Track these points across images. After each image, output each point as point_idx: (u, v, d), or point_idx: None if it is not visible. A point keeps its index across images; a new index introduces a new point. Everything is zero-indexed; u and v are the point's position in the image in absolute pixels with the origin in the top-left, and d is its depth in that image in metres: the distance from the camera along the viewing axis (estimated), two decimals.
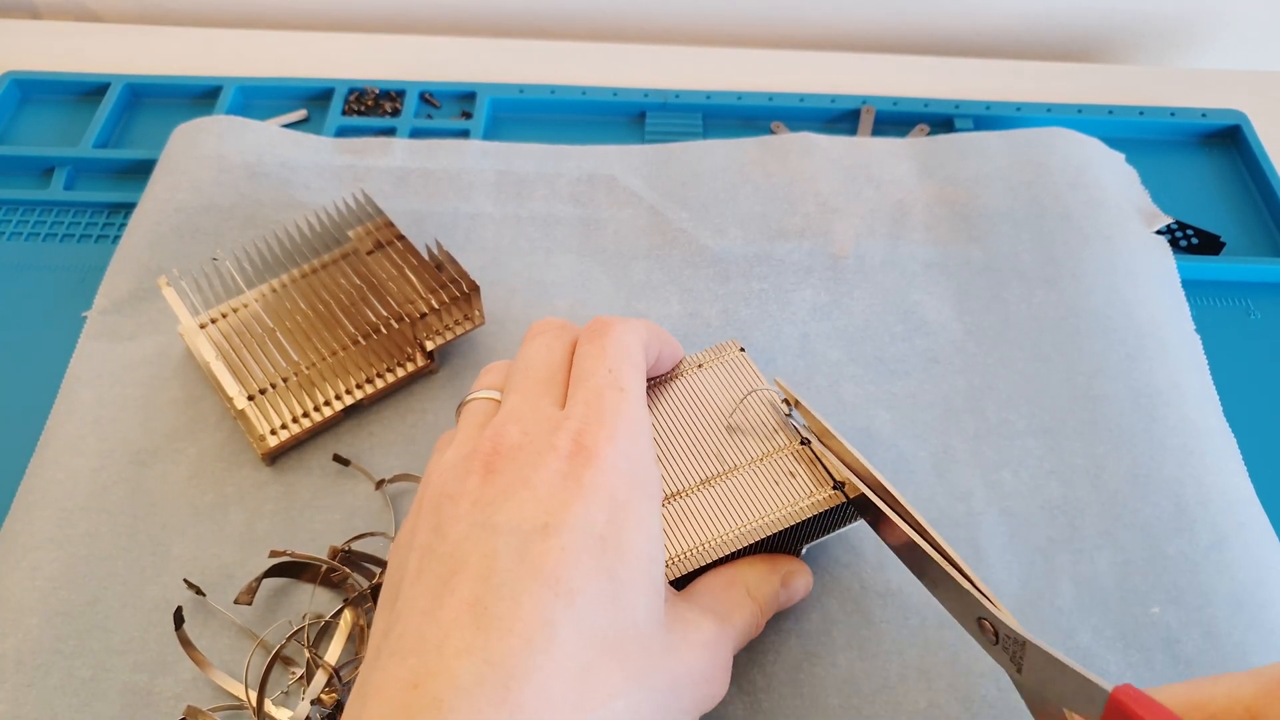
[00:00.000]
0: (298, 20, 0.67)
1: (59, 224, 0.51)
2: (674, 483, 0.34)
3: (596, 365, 0.32)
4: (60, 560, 0.37)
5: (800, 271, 0.47)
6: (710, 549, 0.32)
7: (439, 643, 0.25)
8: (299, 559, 0.37)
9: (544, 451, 0.29)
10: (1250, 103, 0.57)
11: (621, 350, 0.33)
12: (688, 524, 0.32)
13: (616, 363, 0.32)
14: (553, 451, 0.29)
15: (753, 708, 0.34)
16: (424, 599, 0.27)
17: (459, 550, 0.27)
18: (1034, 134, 0.52)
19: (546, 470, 0.28)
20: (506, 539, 0.27)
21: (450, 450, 0.31)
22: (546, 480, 0.28)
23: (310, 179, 0.50)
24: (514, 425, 0.30)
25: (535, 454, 0.29)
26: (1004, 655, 0.29)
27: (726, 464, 0.34)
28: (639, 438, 0.31)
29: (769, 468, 0.34)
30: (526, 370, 0.33)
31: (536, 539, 0.27)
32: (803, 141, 0.52)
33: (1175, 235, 0.51)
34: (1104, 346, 0.44)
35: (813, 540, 0.36)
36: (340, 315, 0.42)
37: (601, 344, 0.33)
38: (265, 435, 0.40)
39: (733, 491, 0.33)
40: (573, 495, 0.28)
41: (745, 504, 0.33)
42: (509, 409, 0.31)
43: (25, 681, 0.34)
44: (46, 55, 0.60)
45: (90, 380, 0.42)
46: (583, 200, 0.50)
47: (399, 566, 0.30)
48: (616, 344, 0.33)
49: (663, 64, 0.61)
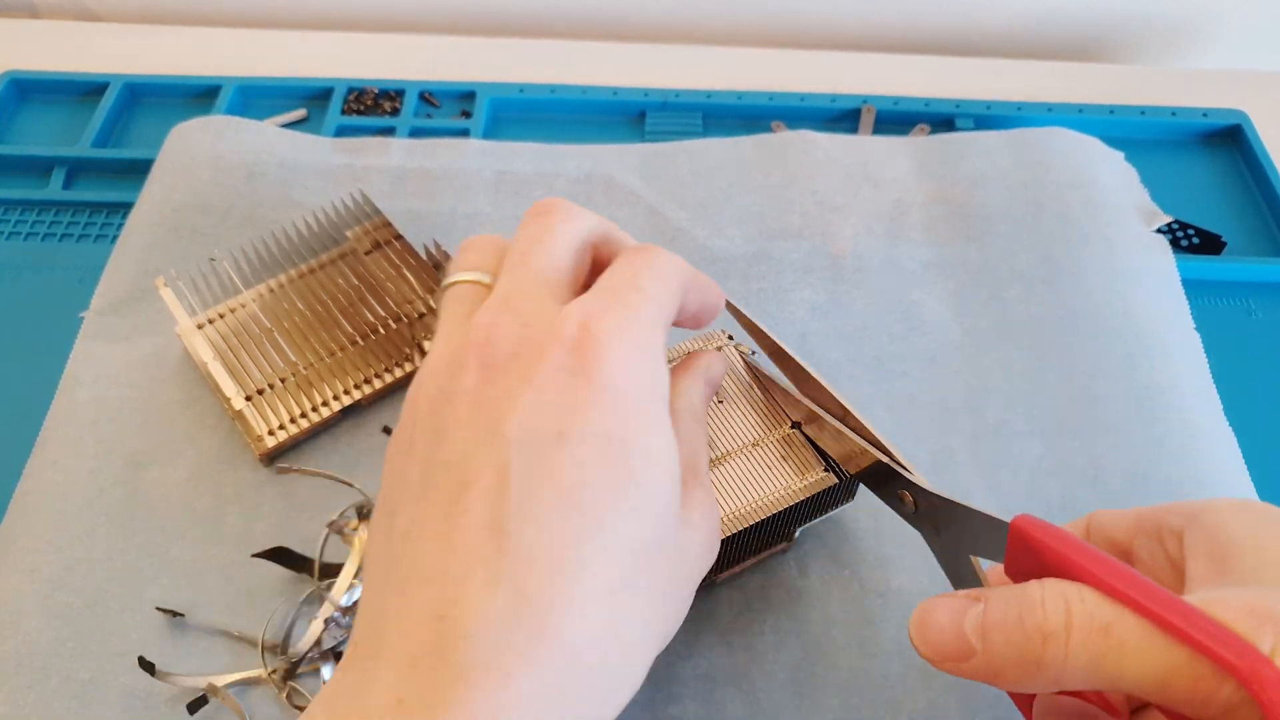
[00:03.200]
0: (297, 20, 0.67)
1: (57, 223, 0.51)
2: None
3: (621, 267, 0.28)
4: (59, 562, 0.37)
5: (799, 271, 0.47)
6: None
7: (462, 571, 0.23)
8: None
9: (547, 341, 0.26)
10: (1251, 102, 0.57)
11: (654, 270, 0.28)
12: None
13: (641, 270, 0.28)
14: (556, 341, 0.26)
15: (753, 708, 0.34)
16: (435, 520, 0.24)
17: (466, 461, 0.25)
18: (1032, 133, 0.52)
19: (551, 364, 0.25)
20: (518, 450, 0.24)
21: (437, 343, 0.28)
22: (553, 378, 0.25)
23: (308, 179, 0.50)
24: (508, 316, 0.27)
25: (537, 346, 0.26)
26: (923, 521, 0.31)
27: (719, 449, 0.34)
28: (651, 331, 0.27)
29: (761, 453, 0.34)
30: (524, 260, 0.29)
31: (551, 449, 0.24)
32: (801, 140, 0.52)
33: (1176, 235, 0.51)
34: (1103, 346, 0.44)
35: (806, 523, 0.37)
36: (338, 315, 0.42)
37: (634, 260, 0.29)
38: (263, 436, 0.40)
39: (726, 478, 0.34)
40: (583, 396, 0.25)
41: (739, 490, 0.33)
42: (502, 295, 0.27)
43: (25, 684, 0.34)
44: (45, 55, 0.60)
45: (88, 381, 0.42)
46: (581, 199, 0.50)
47: (397, 475, 0.26)
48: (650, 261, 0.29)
49: (663, 64, 0.61)
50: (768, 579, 0.37)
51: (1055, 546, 0.25)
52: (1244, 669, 0.21)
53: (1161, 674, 0.23)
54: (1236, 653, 0.21)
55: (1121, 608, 0.23)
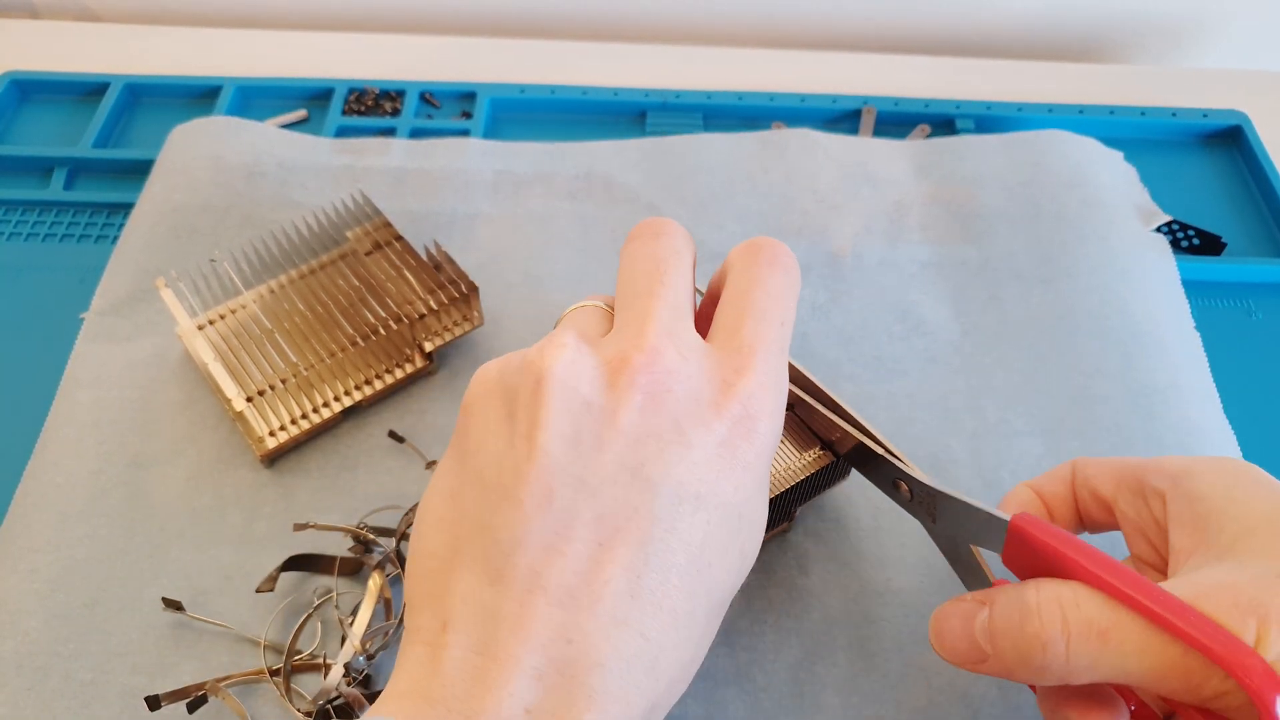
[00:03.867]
0: (298, 20, 0.67)
1: (58, 224, 0.51)
2: None
3: (772, 305, 0.29)
4: (59, 563, 0.37)
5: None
6: None
7: (593, 604, 0.25)
8: (323, 528, 0.37)
9: (707, 408, 0.27)
10: (1251, 103, 0.57)
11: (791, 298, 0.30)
12: None
13: (789, 313, 0.30)
14: (717, 413, 0.27)
15: (753, 708, 0.34)
16: (565, 541, 0.25)
17: (609, 494, 0.26)
18: (1031, 136, 0.52)
19: (708, 432, 0.27)
20: (662, 503, 0.26)
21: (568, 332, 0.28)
22: (705, 444, 0.27)
23: (308, 179, 0.50)
24: (670, 344, 0.27)
25: (696, 405, 0.27)
26: (920, 510, 0.32)
27: None
28: (784, 407, 0.29)
29: None
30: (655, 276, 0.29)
31: (688, 510, 0.26)
32: (800, 137, 0.52)
33: (1176, 235, 0.51)
34: (1102, 346, 0.44)
35: (805, 502, 0.37)
36: (339, 316, 0.42)
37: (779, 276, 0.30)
38: (264, 437, 0.40)
39: None
40: (728, 468, 0.27)
41: None
42: (653, 317, 0.28)
43: (25, 684, 0.34)
44: (46, 55, 0.60)
45: (88, 383, 0.42)
46: (580, 197, 0.50)
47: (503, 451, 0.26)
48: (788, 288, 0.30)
49: (663, 64, 0.61)
50: (768, 579, 0.37)
51: (1053, 545, 0.26)
52: (1232, 662, 0.23)
53: (1159, 669, 0.24)
54: (1225, 646, 0.23)
55: (1118, 608, 0.25)
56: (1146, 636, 0.24)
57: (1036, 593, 0.26)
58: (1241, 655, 0.23)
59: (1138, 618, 0.24)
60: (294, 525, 0.37)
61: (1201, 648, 0.23)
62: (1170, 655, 0.24)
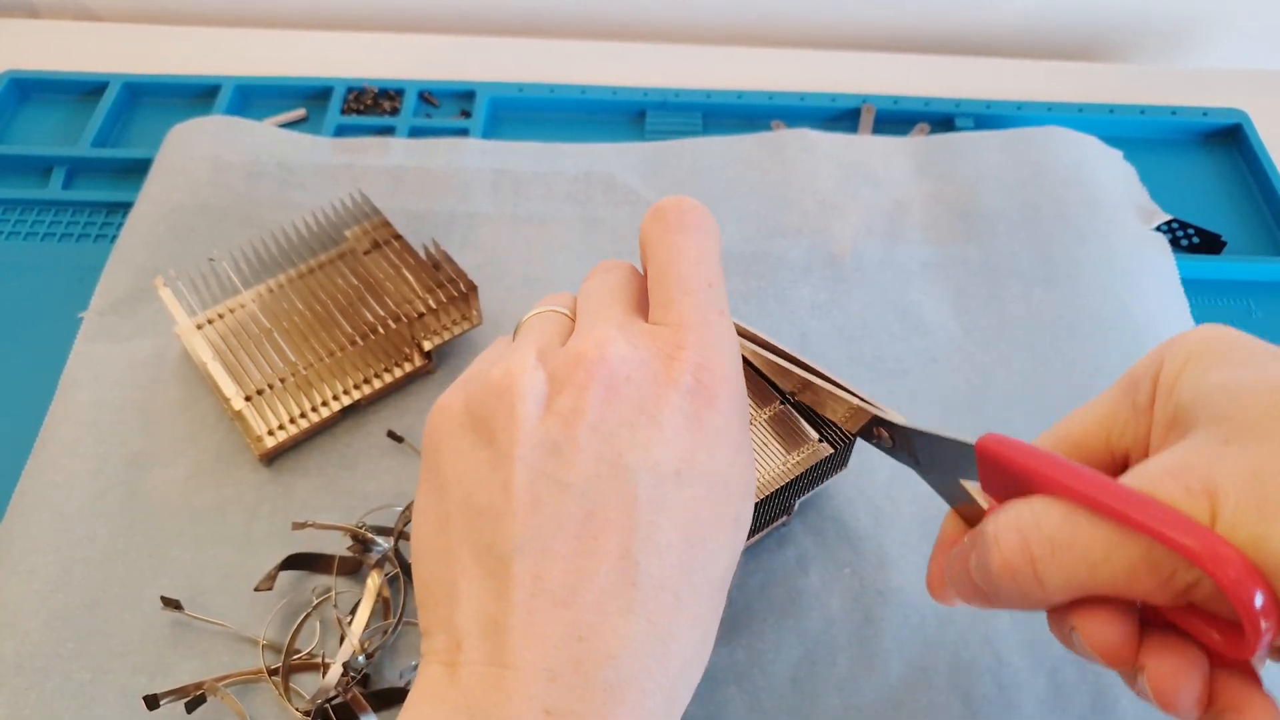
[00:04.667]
0: (297, 19, 0.67)
1: (57, 223, 0.51)
2: None
3: (694, 272, 0.30)
4: (58, 563, 0.37)
5: (799, 269, 0.47)
6: None
7: (597, 598, 0.25)
8: (322, 527, 0.37)
9: (665, 385, 0.27)
10: (1251, 102, 0.57)
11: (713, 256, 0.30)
12: None
13: (714, 273, 0.30)
14: (674, 387, 0.27)
15: (753, 708, 0.34)
16: (560, 540, 0.26)
17: (593, 489, 0.26)
18: (1031, 133, 0.52)
19: (670, 408, 0.27)
20: (643, 486, 0.26)
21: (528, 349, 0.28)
22: (672, 420, 0.27)
23: (307, 179, 0.50)
24: (619, 335, 0.28)
25: (655, 385, 0.27)
26: (904, 455, 0.31)
27: None
28: (739, 366, 0.29)
29: (755, 432, 0.35)
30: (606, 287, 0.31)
31: (671, 487, 0.26)
32: (800, 138, 0.52)
33: (1176, 234, 0.51)
34: (1102, 345, 0.44)
35: (804, 494, 0.37)
36: (338, 315, 0.42)
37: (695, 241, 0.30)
38: (263, 436, 0.39)
39: None
40: (699, 440, 0.27)
41: None
42: (603, 317, 0.29)
43: (24, 685, 0.34)
44: (45, 54, 0.60)
45: (87, 382, 0.42)
46: (580, 199, 0.50)
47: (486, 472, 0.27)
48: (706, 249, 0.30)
49: (663, 63, 0.61)
50: (768, 579, 0.37)
51: (1019, 460, 0.25)
52: (1198, 550, 0.21)
53: (1128, 570, 0.23)
54: (1186, 533, 0.21)
55: (1079, 515, 0.23)
56: (1109, 539, 0.23)
57: (994, 522, 0.25)
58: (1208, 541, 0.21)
59: (1099, 521, 0.23)
60: (292, 524, 0.37)
61: (1161, 537, 0.21)
62: (1135, 553, 0.22)
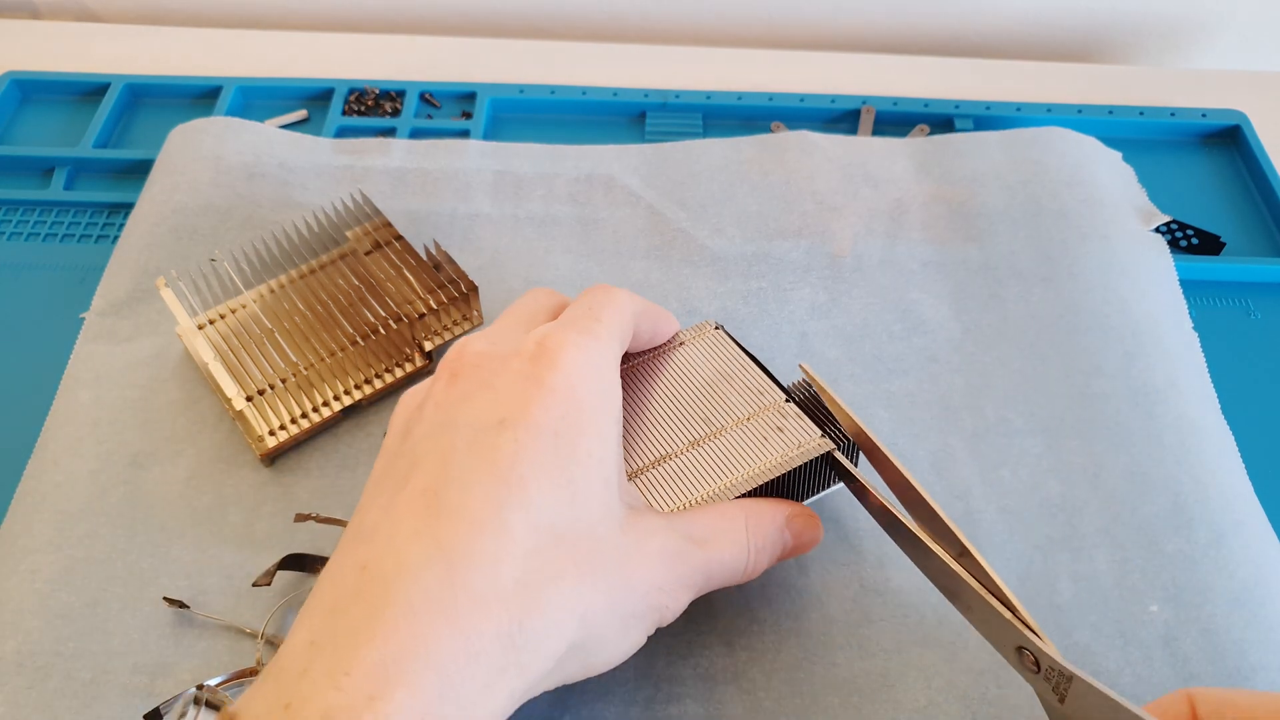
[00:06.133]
0: (298, 20, 0.67)
1: (59, 224, 0.51)
2: (663, 446, 0.34)
3: (578, 303, 0.33)
4: (59, 563, 0.37)
5: (799, 270, 0.47)
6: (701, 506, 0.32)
7: (391, 529, 0.26)
8: (325, 521, 0.37)
9: (509, 356, 0.30)
10: (1250, 103, 0.57)
11: (609, 298, 0.33)
12: (678, 484, 0.33)
13: (597, 303, 0.33)
14: (516, 355, 0.29)
15: (753, 707, 0.34)
16: (383, 495, 0.27)
17: (418, 448, 0.28)
18: (1030, 133, 0.52)
19: (509, 373, 0.29)
20: (463, 434, 0.27)
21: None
22: (507, 381, 0.29)
23: (308, 179, 0.50)
24: (482, 339, 0.31)
25: (500, 359, 0.30)
26: (1045, 685, 0.28)
27: (714, 426, 0.35)
28: (603, 350, 0.31)
29: (757, 425, 0.35)
30: (508, 312, 0.34)
31: (491, 433, 0.27)
32: (800, 140, 0.52)
33: (1175, 235, 0.51)
34: (1101, 345, 0.44)
35: (810, 495, 0.37)
36: (339, 316, 0.42)
37: (591, 296, 0.33)
38: (264, 436, 0.40)
39: (722, 450, 0.34)
40: (531, 394, 0.28)
41: (735, 460, 0.34)
42: (481, 331, 0.32)
43: (25, 684, 0.34)
44: (46, 55, 0.60)
45: (88, 382, 0.42)
46: (580, 200, 0.50)
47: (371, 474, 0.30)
48: (606, 294, 0.33)
49: (663, 64, 0.61)
50: (768, 579, 0.37)
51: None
52: None
53: None
54: None
55: None
56: None
57: None
58: None
59: None
60: (295, 515, 0.37)
61: None
62: None
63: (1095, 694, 0.26)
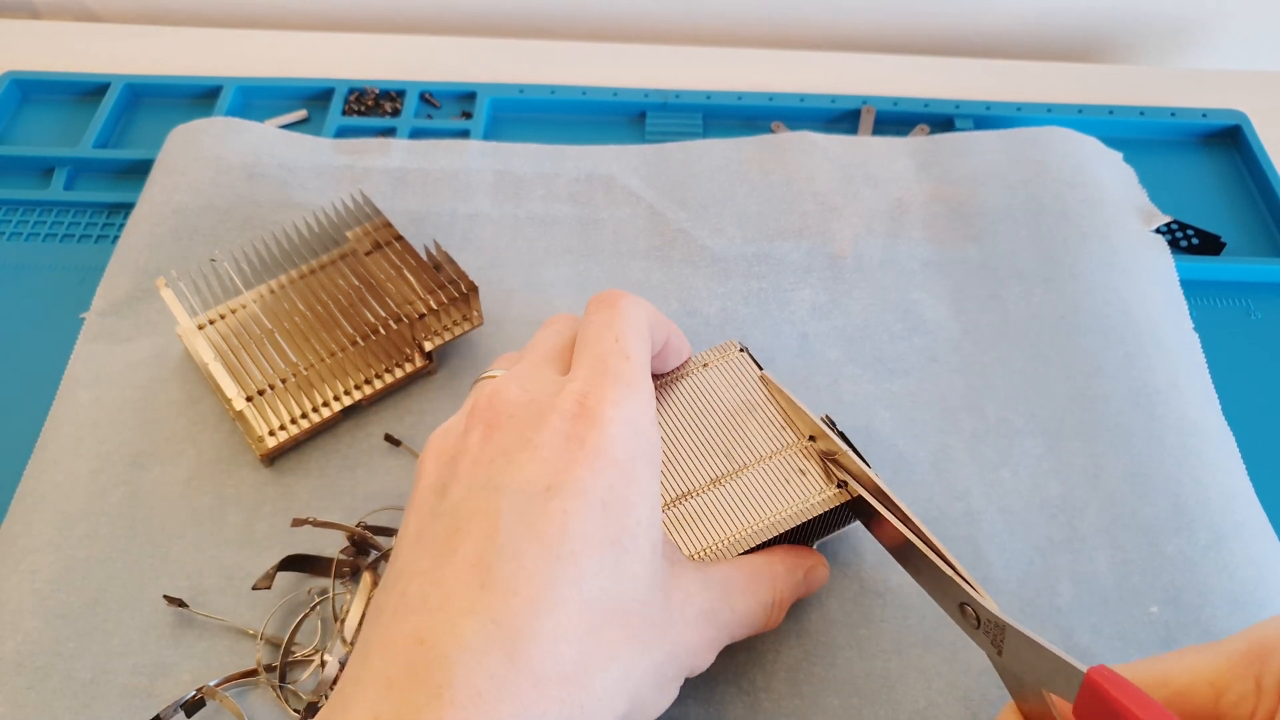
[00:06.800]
0: (298, 20, 0.67)
1: (59, 224, 0.51)
2: (684, 483, 0.34)
3: (603, 333, 0.31)
4: (59, 563, 0.37)
5: (799, 271, 0.47)
6: (722, 550, 0.32)
7: (443, 601, 0.25)
8: (322, 524, 0.37)
9: (546, 412, 0.28)
10: (1251, 103, 0.57)
11: (628, 320, 0.32)
12: (699, 525, 0.33)
13: (622, 331, 0.31)
14: (555, 412, 0.28)
15: (753, 708, 0.34)
16: (426, 558, 0.26)
17: (460, 510, 0.27)
18: (1031, 133, 0.52)
19: (549, 430, 0.28)
20: (509, 500, 0.26)
21: (452, 418, 0.31)
22: (549, 441, 0.28)
23: (308, 180, 0.50)
24: (514, 384, 0.30)
25: (537, 413, 0.29)
26: (985, 639, 0.30)
27: (736, 463, 0.34)
28: (642, 403, 0.30)
29: (779, 465, 0.34)
30: (533, 347, 0.33)
31: (539, 501, 0.26)
32: (800, 140, 0.52)
33: (1176, 235, 0.51)
34: (1102, 345, 0.44)
35: (823, 537, 0.36)
36: (339, 316, 0.42)
37: (608, 314, 0.32)
38: (264, 436, 0.40)
39: (743, 490, 0.33)
40: (576, 458, 0.27)
41: (757, 503, 0.33)
42: (511, 373, 0.31)
43: (25, 684, 0.34)
44: (46, 55, 0.60)
45: (88, 382, 0.42)
46: (581, 200, 0.50)
47: (404, 529, 0.29)
48: (623, 314, 0.32)
49: (663, 64, 0.61)
50: None
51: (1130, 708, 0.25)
52: None
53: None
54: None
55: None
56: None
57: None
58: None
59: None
60: (293, 520, 0.37)
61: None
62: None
63: (1025, 641, 0.28)
